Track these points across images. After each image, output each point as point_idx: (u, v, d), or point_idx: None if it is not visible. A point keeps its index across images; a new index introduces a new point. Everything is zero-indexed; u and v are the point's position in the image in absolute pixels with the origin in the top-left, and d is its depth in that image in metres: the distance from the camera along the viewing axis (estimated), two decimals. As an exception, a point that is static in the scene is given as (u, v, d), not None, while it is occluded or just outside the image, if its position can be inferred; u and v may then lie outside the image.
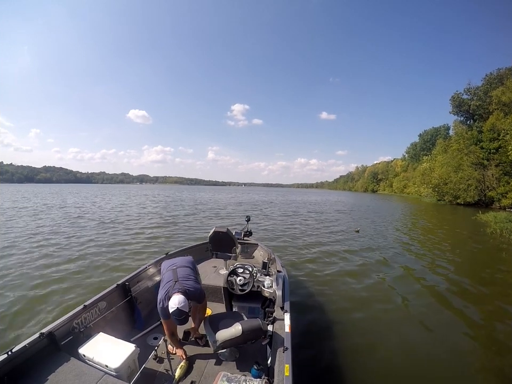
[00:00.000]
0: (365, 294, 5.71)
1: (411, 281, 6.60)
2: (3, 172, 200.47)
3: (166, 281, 2.77)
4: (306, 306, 4.96)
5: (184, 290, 2.63)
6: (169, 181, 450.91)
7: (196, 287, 2.78)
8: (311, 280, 6.27)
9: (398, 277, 6.78)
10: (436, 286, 6.21)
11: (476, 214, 19.15)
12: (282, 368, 2.14)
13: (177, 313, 2.43)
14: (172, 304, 2.46)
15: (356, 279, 6.55)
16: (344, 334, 4.19)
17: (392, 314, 4.94)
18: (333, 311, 4.91)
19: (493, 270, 7.58)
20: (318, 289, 5.83)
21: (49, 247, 8.51)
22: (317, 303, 5.17)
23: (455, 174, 35.91)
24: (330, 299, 5.37)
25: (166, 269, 2.99)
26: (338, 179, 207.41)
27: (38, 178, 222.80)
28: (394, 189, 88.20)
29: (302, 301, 5.13)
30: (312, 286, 5.98)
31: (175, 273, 2.83)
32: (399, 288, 6.10)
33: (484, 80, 41.49)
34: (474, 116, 42.67)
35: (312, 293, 5.64)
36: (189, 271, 2.94)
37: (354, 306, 5.16)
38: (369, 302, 5.37)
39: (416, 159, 77.17)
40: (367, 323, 4.58)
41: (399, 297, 5.64)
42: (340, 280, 6.42)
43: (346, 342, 3.96)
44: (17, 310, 4.62)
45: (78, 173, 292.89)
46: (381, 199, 51.47)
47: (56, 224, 13.05)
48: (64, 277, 6.08)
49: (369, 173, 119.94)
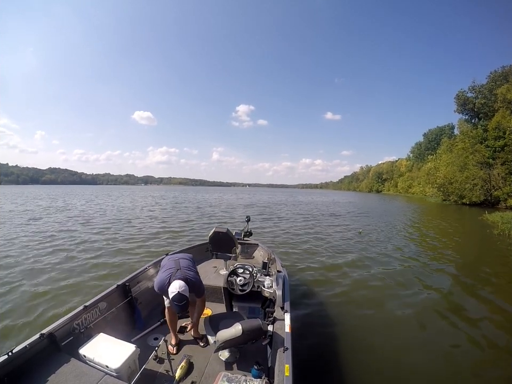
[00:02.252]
0: (366, 295, 5.69)
1: (415, 283, 6.47)
2: (8, 174, 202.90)
3: (168, 268, 2.79)
4: (306, 307, 4.96)
5: (186, 278, 2.65)
6: (173, 182, 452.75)
7: (196, 278, 2.81)
8: (313, 280, 6.28)
9: (401, 278, 6.70)
10: (441, 288, 6.14)
11: (482, 214, 18.89)
12: (282, 368, 2.13)
13: (178, 298, 2.43)
14: (173, 288, 2.47)
15: (356, 279, 6.53)
16: (344, 334, 4.19)
17: (393, 315, 4.91)
18: (333, 311, 4.90)
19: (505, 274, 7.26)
20: (318, 289, 5.83)
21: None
22: (317, 303, 5.17)
23: (460, 174, 35.49)
24: (330, 299, 5.37)
25: (167, 259, 3.03)
26: (342, 179, 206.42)
27: (43, 179, 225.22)
28: (399, 189, 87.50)
29: (302, 301, 5.13)
30: (312, 286, 5.98)
31: (177, 262, 2.85)
32: (402, 289, 6.05)
33: (488, 78, 40.97)
34: (479, 114, 42.19)
35: (312, 293, 5.64)
36: (190, 264, 2.98)
37: (355, 306, 5.15)
38: (369, 302, 5.35)
39: (421, 159, 76.56)
40: (367, 323, 4.58)
41: (401, 298, 5.59)
42: (340, 280, 6.41)
43: (347, 342, 3.97)
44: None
45: (83, 174, 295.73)
46: (387, 200, 50.56)
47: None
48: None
49: (374, 173, 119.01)
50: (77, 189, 78.27)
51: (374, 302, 5.34)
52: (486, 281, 6.62)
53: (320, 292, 5.68)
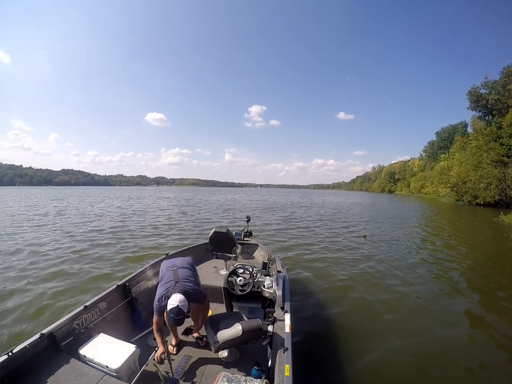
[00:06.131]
0: (366, 295, 5.65)
1: (422, 288, 6.26)
2: (22, 175, 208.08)
3: (166, 281, 2.77)
4: (306, 307, 4.96)
5: (185, 291, 2.63)
6: (185, 182, 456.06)
7: (195, 289, 2.77)
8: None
9: (406, 281, 6.57)
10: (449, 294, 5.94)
11: (497, 216, 18.29)
12: (282, 368, 2.12)
13: (176, 311, 2.42)
14: (173, 301, 2.46)
15: (357, 279, 6.50)
16: (344, 334, 4.17)
17: (394, 315, 4.87)
18: (333, 311, 4.89)
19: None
20: (318, 289, 5.82)
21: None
22: (317, 304, 5.15)
23: (474, 173, 34.70)
24: (330, 300, 5.36)
25: (166, 269, 2.99)
26: (355, 180, 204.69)
27: (56, 181, 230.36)
28: (412, 189, 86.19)
29: (302, 302, 5.13)
30: (312, 286, 5.98)
31: (175, 273, 2.82)
32: (405, 290, 5.97)
33: (501, 74, 39.93)
34: (492, 111, 41.25)
35: (312, 293, 5.63)
36: (189, 273, 2.94)
37: (355, 307, 5.12)
38: (370, 302, 5.33)
39: (433, 158, 75.40)
40: (368, 323, 4.56)
41: (403, 298, 5.55)
42: (340, 281, 6.39)
43: (347, 343, 3.95)
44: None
45: (95, 176, 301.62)
46: (398, 201, 48.68)
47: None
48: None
49: (386, 173, 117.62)
50: (99, 190, 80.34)
51: (376, 303, 5.31)
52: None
53: (320, 292, 5.67)
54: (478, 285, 6.53)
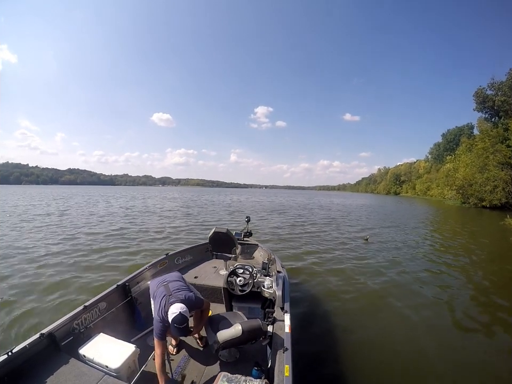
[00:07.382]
0: (366, 296, 5.64)
1: (422, 286, 6.28)
2: (29, 174, 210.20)
3: (160, 296, 2.60)
4: (306, 307, 4.95)
5: (181, 300, 2.53)
6: (191, 183, 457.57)
7: (191, 295, 2.66)
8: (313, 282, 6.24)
9: (408, 282, 6.53)
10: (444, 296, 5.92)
11: (503, 219, 17.86)
12: (282, 368, 2.12)
13: (179, 319, 2.31)
14: (174, 309, 2.36)
15: (357, 280, 6.50)
16: (344, 334, 4.17)
17: (394, 315, 4.88)
18: (333, 312, 4.88)
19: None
20: (318, 289, 5.82)
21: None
22: (317, 304, 5.16)
23: (480, 175, 34.32)
24: (330, 300, 5.35)
25: (156, 286, 2.82)
26: (360, 181, 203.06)
27: (62, 180, 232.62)
28: (417, 191, 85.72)
29: (302, 302, 5.12)
30: (312, 286, 6.00)
31: (167, 288, 2.68)
32: (405, 291, 5.98)
33: (508, 75, 39.22)
34: (499, 112, 40.65)
35: (312, 293, 5.63)
36: (180, 284, 2.81)
37: (356, 308, 5.11)
38: (370, 303, 5.33)
39: (439, 160, 74.89)
40: (368, 324, 4.56)
41: (403, 299, 5.53)
42: (341, 281, 6.40)
43: (347, 343, 3.95)
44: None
45: (101, 175, 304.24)
46: (412, 203, 46.18)
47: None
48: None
49: (392, 175, 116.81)
50: (108, 189, 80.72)
51: (376, 303, 5.32)
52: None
53: (320, 293, 5.66)
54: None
